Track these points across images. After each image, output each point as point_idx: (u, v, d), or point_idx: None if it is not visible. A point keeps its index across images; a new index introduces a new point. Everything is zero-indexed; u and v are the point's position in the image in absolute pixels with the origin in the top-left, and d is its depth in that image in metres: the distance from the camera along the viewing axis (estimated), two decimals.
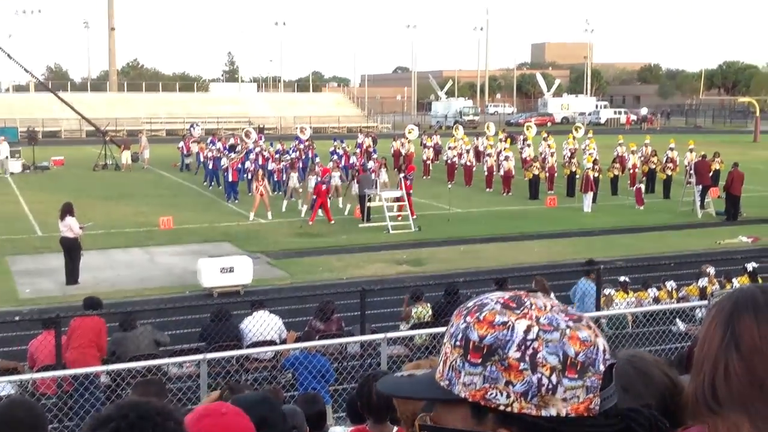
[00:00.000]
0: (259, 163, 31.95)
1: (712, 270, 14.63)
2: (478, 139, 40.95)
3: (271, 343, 11.33)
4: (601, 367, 1.30)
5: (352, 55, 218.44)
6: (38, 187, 34.19)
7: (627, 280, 14.27)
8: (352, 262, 19.86)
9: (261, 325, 11.66)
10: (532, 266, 18.54)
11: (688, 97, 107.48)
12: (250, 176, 30.97)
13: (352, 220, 25.54)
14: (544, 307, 1.33)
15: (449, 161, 36.33)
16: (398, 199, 25.07)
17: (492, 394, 1.29)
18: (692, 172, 27.95)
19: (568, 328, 1.30)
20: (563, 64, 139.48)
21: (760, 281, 13.82)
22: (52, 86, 68.77)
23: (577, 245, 21.94)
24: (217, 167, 33.37)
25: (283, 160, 32.22)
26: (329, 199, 25.92)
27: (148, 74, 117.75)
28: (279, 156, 33.61)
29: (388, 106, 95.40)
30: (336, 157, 32.98)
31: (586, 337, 1.30)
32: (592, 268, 12.84)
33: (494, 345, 1.29)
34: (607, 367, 1.31)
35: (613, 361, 1.33)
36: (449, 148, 37.45)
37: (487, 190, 32.98)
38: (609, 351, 1.33)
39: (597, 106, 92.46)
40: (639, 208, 27.85)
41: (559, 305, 1.35)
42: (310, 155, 35.11)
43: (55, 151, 47.01)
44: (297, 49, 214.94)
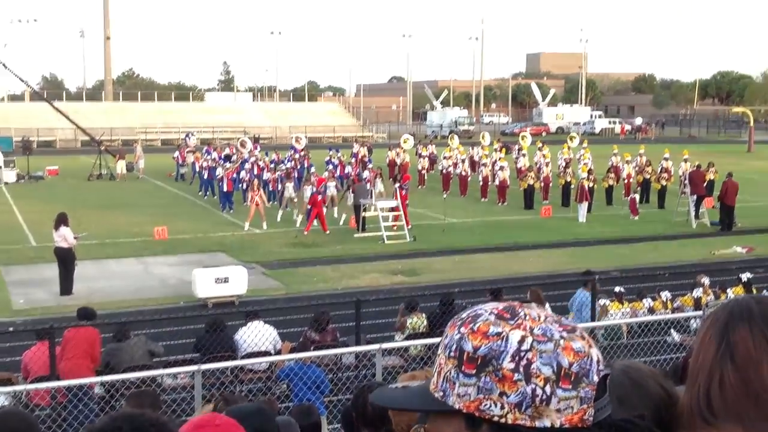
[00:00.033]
0: (255, 172, 31.93)
1: (706, 280, 14.64)
2: (473, 149, 41.01)
3: (266, 353, 11.30)
4: (595, 378, 1.30)
5: (347, 64, 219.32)
6: (33, 196, 34.13)
7: (622, 291, 14.28)
8: (347, 273, 19.83)
9: (256, 335, 11.63)
10: (527, 276, 18.54)
11: (683, 107, 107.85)
12: (245, 186, 30.93)
13: (347, 230, 25.53)
14: (538, 317, 1.33)
15: (444, 171, 36.37)
16: (393, 209, 25.07)
17: (486, 404, 1.29)
18: (687, 182, 28.01)
19: (562, 338, 1.30)
20: (558, 74, 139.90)
21: (755, 292, 13.83)
22: (48, 95, 68.83)
23: (572, 255, 21.95)
24: (213, 177, 33.36)
25: (278, 170, 32.21)
26: (325, 209, 25.91)
27: (143, 84, 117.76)
28: (274, 166, 33.61)
29: (383, 115, 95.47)
30: (331, 167, 33.01)
31: (580, 348, 1.30)
32: (589, 279, 12.84)
33: (488, 356, 1.29)
34: (601, 377, 1.31)
35: (607, 372, 1.33)
36: (444, 158, 37.49)
37: (483, 200, 33.01)
38: (603, 362, 1.33)
39: (592, 116, 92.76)
40: (634, 218, 27.90)
41: (552, 316, 1.35)
42: (305, 165, 35.13)
43: (50, 160, 46.94)
44: (293, 58, 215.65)
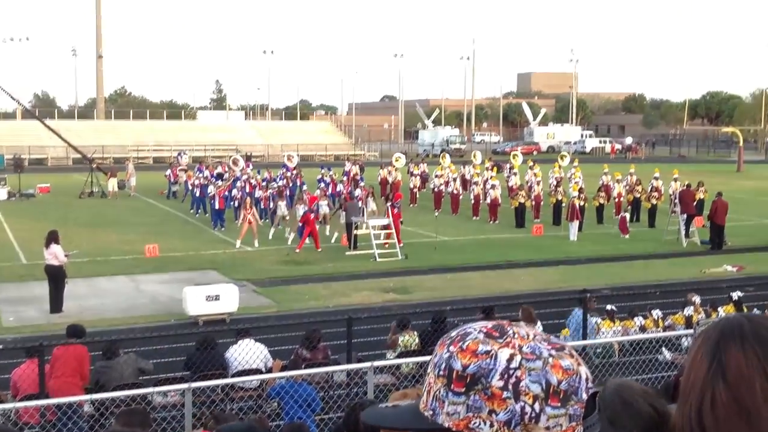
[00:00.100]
0: (246, 190, 31.92)
1: (697, 299, 14.67)
2: (464, 168, 41.11)
3: (257, 371, 11.25)
4: (584, 396, 1.30)
5: (339, 83, 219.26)
6: (24, 214, 34.00)
7: (614, 309, 14.29)
8: (339, 290, 19.80)
9: (247, 353, 11.58)
10: (519, 294, 18.55)
11: (672, 127, 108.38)
12: (237, 204, 30.92)
13: (338, 248, 25.50)
14: (527, 336, 1.34)
15: (436, 189, 36.42)
16: (385, 227, 25.07)
17: (476, 423, 1.29)
18: (677, 201, 28.12)
19: (551, 356, 1.31)
20: (549, 94, 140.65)
21: (746, 310, 13.86)
22: (39, 114, 68.71)
23: (563, 274, 21.98)
24: (204, 194, 33.32)
25: (270, 188, 32.20)
26: (317, 226, 25.88)
27: (135, 102, 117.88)
28: (266, 184, 33.60)
29: (375, 134, 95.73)
30: (323, 185, 33.01)
31: (569, 366, 1.31)
32: (583, 296, 12.83)
33: (477, 374, 1.29)
34: (590, 395, 1.31)
35: (596, 390, 1.33)
36: (436, 177, 37.56)
37: (474, 218, 33.04)
38: (591, 379, 1.34)
39: (582, 136, 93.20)
40: (624, 237, 27.95)
41: (541, 334, 1.36)
42: (298, 183, 35.14)
43: (41, 178, 46.81)
44: (285, 77, 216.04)
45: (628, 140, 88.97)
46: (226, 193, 31.45)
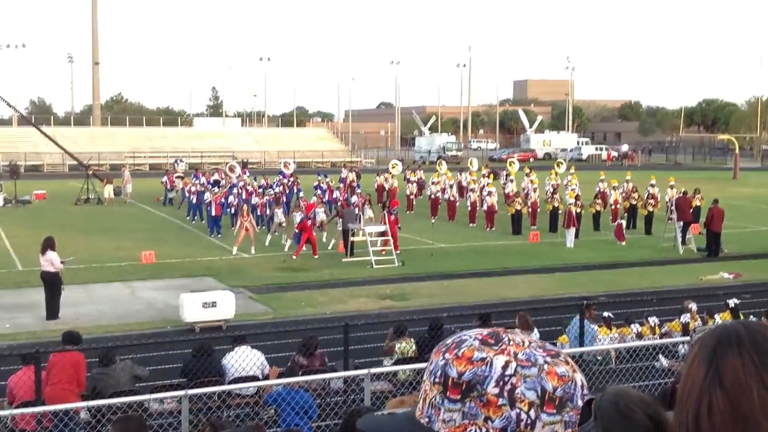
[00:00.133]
0: (243, 197, 31.90)
1: (694, 306, 14.68)
2: (461, 175, 41.11)
3: (254, 378, 11.24)
4: (579, 402, 1.31)
5: (336, 90, 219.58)
6: (19, 221, 33.94)
7: (610, 316, 14.31)
8: (336, 297, 19.78)
9: (243, 360, 11.57)
10: (516, 301, 18.57)
11: (668, 134, 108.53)
12: (233, 211, 30.89)
13: (335, 255, 25.48)
14: (522, 343, 1.34)
15: (433, 196, 36.43)
16: (382, 234, 25.07)
17: (471, 430, 1.30)
18: (673, 208, 28.16)
19: (546, 363, 1.31)
20: (545, 101, 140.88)
21: (742, 317, 13.88)
22: (36, 120, 68.62)
23: (560, 281, 21.99)
24: (201, 201, 33.29)
25: (266, 195, 32.19)
26: (314, 233, 25.86)
27: (132, 108, 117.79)
28: (263, 191, 33.58)
29: (371, 141, 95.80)
30: (320, 192, 33.01)
31: (564, 373, 1.31)
32: (581, 304, 12.85)
33: (473, 381, 1.30)
34: (585, 402, 1.32)
35: (591, 397, 1.34)
36: (433, 183, 37.57)
37: (471, 225, 33.04)
38: (587, 386, 1.34)
39: (578, 143, 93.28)
40: (621, 244, 27.97)
41: (537, 341, 1.37)
42: (294, 190, 35.12)
43: (37, 185, 46.74)
44: (281, 84, 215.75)
45: (625, 147, 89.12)
46: (223, 200, 31.43)
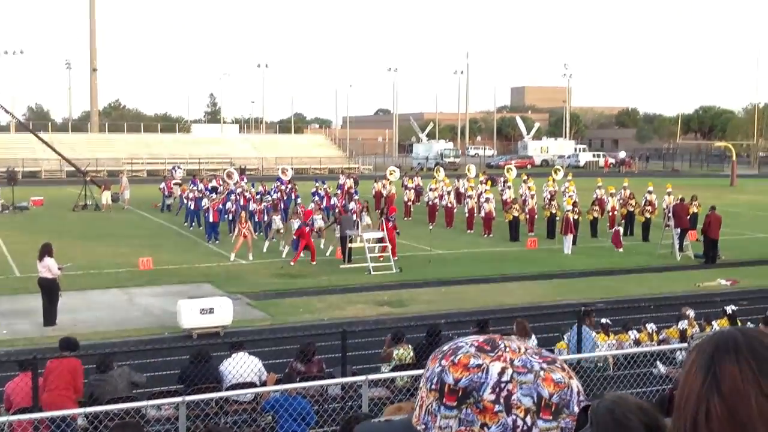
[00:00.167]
0: (241, 204, 31.90)
1: (691, 312, 14.69)
2: (458, 181, 41.14)
3: (251, 385, 11.22)
4: (576, 409, 1.31)
5: (333, 97, 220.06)
6: (17, 227, 33.89)
7: (608, 323, 14.31)
8: (333, 303, 19.77)
9: (241, 366, 11.56)
10: (513, 308, 18.57)
11: (666, 141, 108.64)
12: (231, 217, 30.89)
13: (333, 261, 25.48)
14: (518, 349, 1.34)
15: (430, 203, 36.44)
16: (380, 240, 25.07)
17: None
18: (670, 215, 28.17)
19: (542, 370, 1.31)
20: (542, 108, 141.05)
21: (740, 324, 13.89)
22: (33, 126, 68.67)
23: (557, 287, 21.99)
24: (199, 207, 33.28)
25: (264, 201, 32.19)
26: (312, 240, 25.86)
27: (129, 115, 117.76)
28: (260, 197, 33.59)
29: (369, 147, 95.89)
30: (317, 198, 33.02)
31: (560, 379, 1.32)
32: (579, 311, 12.86)
33: (469, 387, 1.30)
34: (581, 408, 1.32)
35: (588, 403, 1.34)
36: (430, 190, 37.59)
37: (468, 231, 33.05)
38: (583, 393, 1.35)
39: (576, 150, 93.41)
40: (618, 251, 27.98)
41: (533, 348, 1.37)
42: (292, 196, 35.13)
43: (34, 191, 46.70)
44: (279, 90, 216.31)
45: (622, 154, 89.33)
46: (221, 207, 31.42)
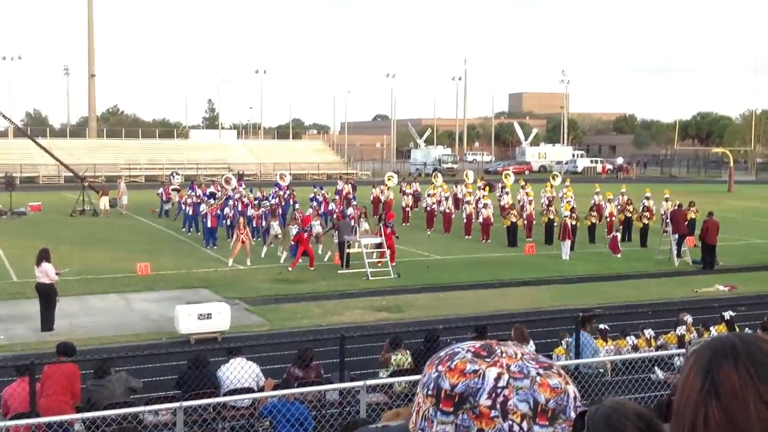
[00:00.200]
0: (239, 209, 31.89)
1: (689, 318, 14.69)
2: (457, 187, 41.16)
3: (249, 390, 11.21)
4: (572, 414, 1.31)
5: (332, 103, 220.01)
6: (15, 232, 33.85)
7: (606, 328, 14.31)
8: (331, 309, 19.76)
9: (238, 372, 11.55)
10: (512, 313, 18.56)
11: (663, 147, 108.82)
12: (229, 222, 30.87)
13: (331, 267, 25.47)
14: (515, 355, 1.34)
15: (428, 208, 36.45)
16: (378, 246, 25.07)
17: None
18: (668, 220, 28.20)
19: (539, 375, 1.31)
20: (540, 114, 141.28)
21: (738, 329, 13.90)
22: (31, 132, 68.57)
23: (555, 293, 21.99)
24: (197, 213, 33.26)
25: (262, 206, 32.19)
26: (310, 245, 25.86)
27: (127, 120, 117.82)
28: (258, 202, 33.58)
29: (367, 153, 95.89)
30: (315, 204, 33.02)
31: (557, 384, 1.32)
32: (577, 316, 12.85)
33: (465, 393, 1.30)
34: (579, 414, 1.32)
35: (584, 409, 1.34)
36: (428, 196, 37.60)
37: (466, 237, 33.06)
38: (580, 398, 1.35)
39: (574, 155, 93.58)
40: (616, 256, 27.99)
41: (530, 353, 1.37)
42: (290, 202, 35.12)
43: (32, 196, 46.64)
44: (277, 96, 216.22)
45: (619, 160, 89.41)
46: (219, 212, 31.41)
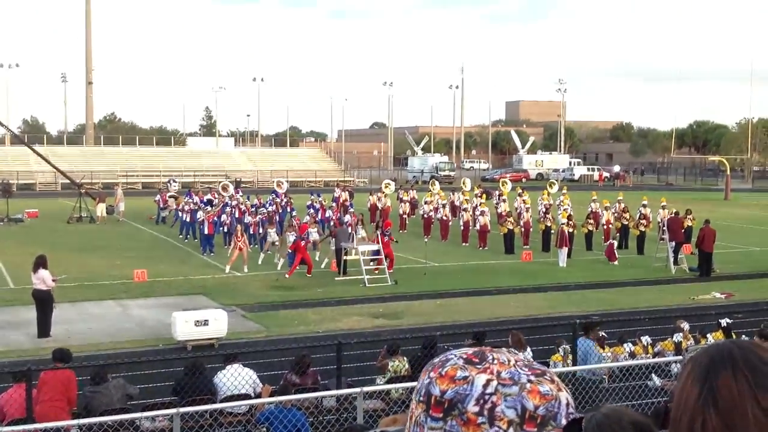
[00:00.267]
0: (236, 216, 31.86)
1: (686, 325, 14.71)
2: (454, 194, 41.16)
3: (246, 396, 11.20)
4: (563, 421, 1.31)
5: (329, 110, 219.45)
6: (12, 239, 33.80)
7: (604, 335, 14.31)
8: (328, 315, 19.75)
9: (235, 378, 11.54)
10: (509, 320, 18.56)
11: (660, 156, 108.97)
12: (226, 229, 30.85)
13: (328, 274, 25.46)
14: (508, 361, 1.34)
15: (425, 215, 36.46)
16: (376, 253, 25.07)
17: None
18: (665, 228, 28.24)
19: (530, 382, 1.31)
20: (537, 122, 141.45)
21: (734, 337, 13.91)
22: (28, 139, 68.55)
23: (552, 300, 22.00)
24: (194, 220, 33.23)
25: (259, 214, 32.17)
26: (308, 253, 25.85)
27: (125, 128, 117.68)
28: (255, 210, 33.56)
29: (364, 160, 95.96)
30: (312, 211, 33.01)
31: (548, 391, 1.31)
32: (589, 323, 12.89)
33: (454, 399, 1.30)
34: (574, 420, 1.33)
35: (578, 416, 1.34)
36: (425, 203, 37.61)
37: (464, 244, 33.06)
38: (573, 405, 1.34)
39: (571, 163, 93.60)
40: (613, 264, 28.01)
41: (524, 360, 1.37)
42: (288, 209, 35.11)
43: (29, 203, 46.61)
44: (275, 104, 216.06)
45: (616, 168, 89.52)
46: (216, 219, 31.38)
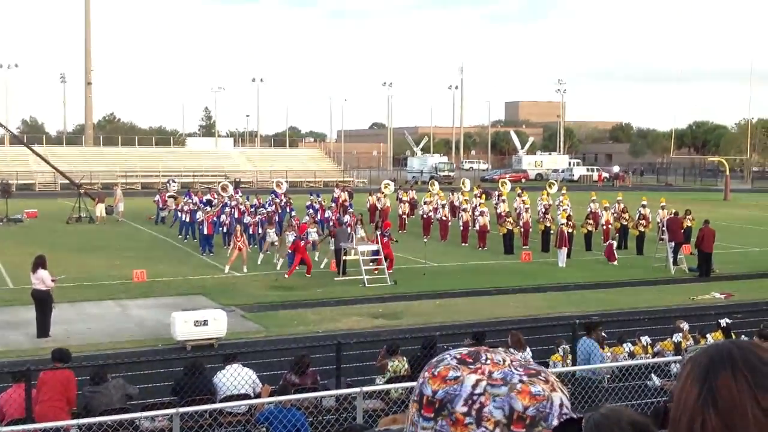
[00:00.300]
0: (235, 216, 31.85)
1: (685, 325, 14.71)
2: (453, 195, 41.16)
3: (245, 396, 11.20)
4: (555, 422, 1.29)
5: (328, 111, 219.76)
6: (11, 239, 33.79)
7: (603, 336, 14.31)
8: (328, 316, 19.75)
9: (235, 378, 11.53)
10: (508, 321, 18.57)
11: (659, 156, 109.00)
12: (225, 230, 30.85)
13: (327, 274, 25.46)
14: (502, 361, 1.34)
15: (425, 216, 36.46)
16: (375, 253, 25.07)
17: None
18: (665, 228, 28.25)
19: (521, 382, 1.30)
20: (536, 122, 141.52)
21: (734, 337, 13.92)
22: (27, 139, 68.48)
23: (552, 300, 22.01)
24: (193, 220, 33.23)
25: (258, 214, 32.16)
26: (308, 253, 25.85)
27: (124, 128, 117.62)
28: (255, 210, 33.54)
29: (364, 161, 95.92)
30: (312, 211, 33.01)
31: (539, 392, 1.30)
32: (592, 323, 12.89)
33: (444, 399, 1.31)
34: (569, 420, 1.32)
35: (573, 416, 1.33)
36: (425, 203, 37.61)
37: (463, 244, 33.07)
38: (568, 406, 1.33)
39: (570, 164, 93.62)
40: (612, 264, 28.02)
41: (520, 360, 1.36)
42: (287, 209, 35.10)
43: (28, 203, 46.61)
44: (274, 104, 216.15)
45: (616, 168, 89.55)
46: (215, 219, 31.37)
